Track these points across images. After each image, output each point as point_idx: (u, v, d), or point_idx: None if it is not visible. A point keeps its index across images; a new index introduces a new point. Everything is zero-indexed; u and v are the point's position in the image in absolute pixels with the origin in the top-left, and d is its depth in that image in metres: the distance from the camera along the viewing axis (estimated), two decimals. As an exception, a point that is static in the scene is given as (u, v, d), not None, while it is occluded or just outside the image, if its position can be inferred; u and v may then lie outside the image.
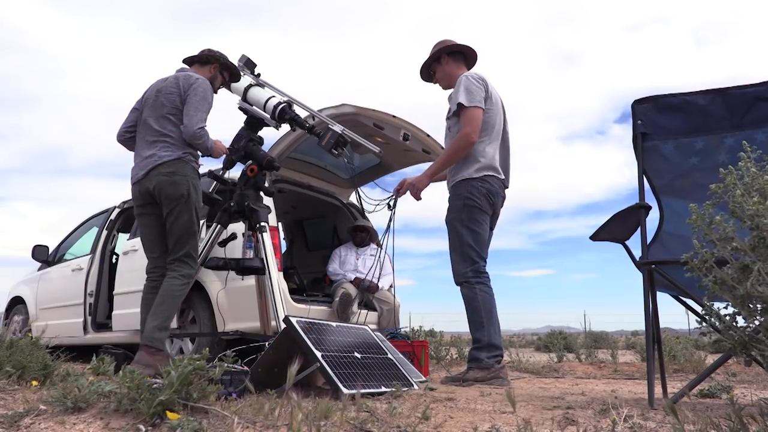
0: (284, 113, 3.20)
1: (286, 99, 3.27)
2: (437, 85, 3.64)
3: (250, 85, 3.32)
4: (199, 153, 3.27)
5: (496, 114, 3.36)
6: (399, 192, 3.57)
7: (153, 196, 3.16)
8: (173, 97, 3.19)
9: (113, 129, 3.45)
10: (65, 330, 5.16)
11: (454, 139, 3.31)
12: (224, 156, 3.37)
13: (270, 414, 1.52)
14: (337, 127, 3.16)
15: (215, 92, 3.41)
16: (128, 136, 3.39)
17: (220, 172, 3.41)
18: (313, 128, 3.22)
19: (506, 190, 3.47)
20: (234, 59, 3.43)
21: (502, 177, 3.38)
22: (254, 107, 3.29)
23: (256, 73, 3.39)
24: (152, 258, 3.27)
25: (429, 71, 3.65)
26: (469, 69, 3.59)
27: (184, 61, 3.49)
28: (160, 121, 3.18)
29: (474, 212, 3.23)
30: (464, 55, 3.58)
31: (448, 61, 3.54)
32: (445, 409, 1.99)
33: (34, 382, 2.18)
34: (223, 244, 3.34)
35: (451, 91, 3.44)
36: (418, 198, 3.47)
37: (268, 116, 3.24)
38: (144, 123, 3.26)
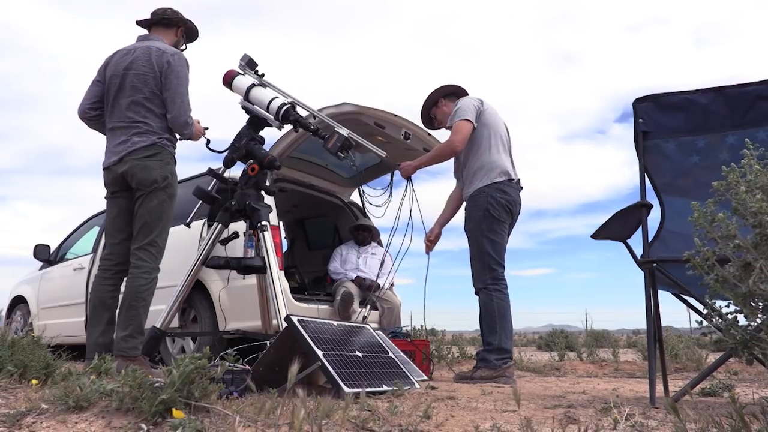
0: (288, 114, 3.19)
1: (290, 100, 3.26)
2: (441, 129, 3.88)
3: (253, 85, 3.31)
4: (177, 137, 3.15)
5: (496, 124, 3.56)
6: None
7: (126, 181, 3.02)
8: (148, 79, 3.01)
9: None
10: (67, 329, 5.17)
11: (441, 144, 3.65)
12: (224, 155, 3.35)
13: (271, 413, 1.52)
14: (343, 131, 3.15)
15: None
16: (93, 114, 3.16)
17: (220, 171, 3.40)
18: (318, 130, 3.21)
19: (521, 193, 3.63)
20: (236, 60, 3.42)
21: (517, 178, 3.55)
22: (256, 107, 3.28)
23: (260, 73, 3.37)
24: (111, 244, 3.09)
25: (430, 116, 3.91)
26: None
27: (141, 23, 3.25)
28: (133, 107, 3.01)
29: (493, 222, 3.39)
30: (457, 95, 3.81)
31: (446, 103, 3.82)
32: (447, 408, 1.99)
33: (34, 381, 2.18)
34: (225, 242, 3.33)
35: None
36: (406, 177, 3.81)
37: (272, 117, 3.23)
38: (114, 105, 3.06)
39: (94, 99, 3.17)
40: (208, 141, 3.37)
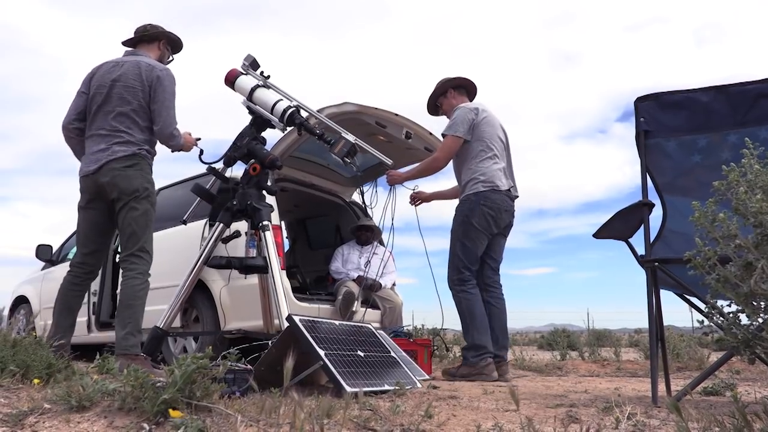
0: (294, 118, 3.20)
1: (294, 104, 3.27)
2: (444, 116, 3.93)
3: (257, 86, 3.31)
4: (156, 150, 3.23)
5: (493, 131, 3.65)
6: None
7: (103, 191, 3.07)
8: (137, 92, 3.09)
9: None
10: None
11: (428, 159, 3.85)
12: (225, 153, 3.36)
13: (273, 412, 1.52)
14: (350, 137, 3.17)
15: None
16: (76, 125, 3.19)
17: (221, 170, 3.40)
18: (323, 135, 3.21)
19: (516, 200, 3.74)
20: (236, 61, 3.41)
21: (506, 188, 3.62)
22: (260, 108, 3.28)
23: (265, 75, 3.37)
24: (83, 253, 3.19)
25: (436, 104, 3.96)
26: (470, 100, 3.91)
27: (126, 43, 3.35)
28: (119, 117, 3.08)
29: (469, 229, 3.54)
30: (466, 89, 3.91)
31: (454, 95, 3.87)
32: (449, 408, 1.99)
33: (36, 381, 2.19)
34: (227, 241, 3.34)
35: None
36: (391, 184, 4.00)
37: (276, 119, 3.23)
38: (98, 113, 3.12)
39: (79, 110, 3.20)
40: (202, 152, 3.42)
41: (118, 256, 5.19)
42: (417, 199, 4.14)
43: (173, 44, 3.45)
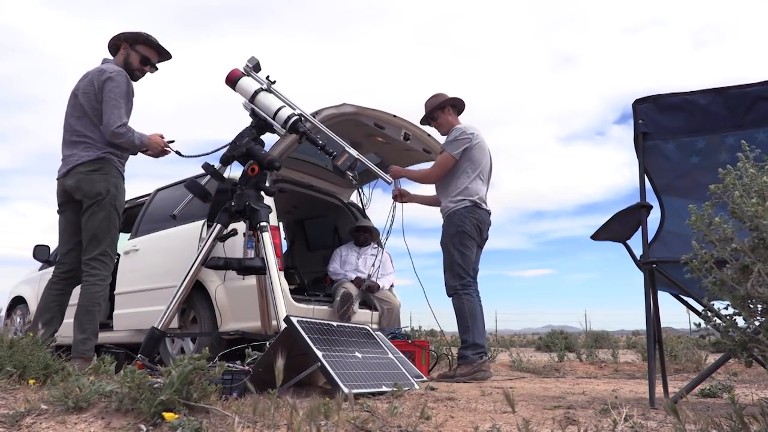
0: (297, 126, 3.21)
1: (298, 112, 3.28)
2: (435, 129, 4.21)
3: (261, 89, 3.30)
4: (125, 152, 3.30)
5: (482, 156, 3.96)
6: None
7: (71, 193, 3.22)
8: (90, 97, 3.23)
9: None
10: (66, 330, 5.16)
11: (425, 170, 4.12)
12: (223, 152, 3.36)
13: (268, 413, 1.52)
14: (353, 152, 3.21)
15: (143, 70, 3.41)
16: None
17: (219, 168, 3.39)
18: (325, 146, 3.22)
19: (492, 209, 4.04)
20: (235, 62, 3.40)
21: (488, 209, 3.99)
22: (262, 112, 3.27)
23: (271, 79, 3.36)
24: (61, 254, 3.34)
25: (432, 116, 4.19)
26: (459, 115, 4.22)
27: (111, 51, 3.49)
28: (81, 121, 3.23)
29: (464, 237, 3.83)
30: (458, 109, 4.22)
31: (450, 112, 4.15)
32: (446, 409, 1.99)
33: (32, 381, 2.19)
34: (224, 239, 3.33)
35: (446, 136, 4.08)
36: (394, 178, 4.07)
37: (278, 125, 3.24)
38: (66, 120, 3.30)
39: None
40: (179, 153, 3.44)
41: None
42: (402, 195, 4.23)
43: (142, 44, 3.43)
